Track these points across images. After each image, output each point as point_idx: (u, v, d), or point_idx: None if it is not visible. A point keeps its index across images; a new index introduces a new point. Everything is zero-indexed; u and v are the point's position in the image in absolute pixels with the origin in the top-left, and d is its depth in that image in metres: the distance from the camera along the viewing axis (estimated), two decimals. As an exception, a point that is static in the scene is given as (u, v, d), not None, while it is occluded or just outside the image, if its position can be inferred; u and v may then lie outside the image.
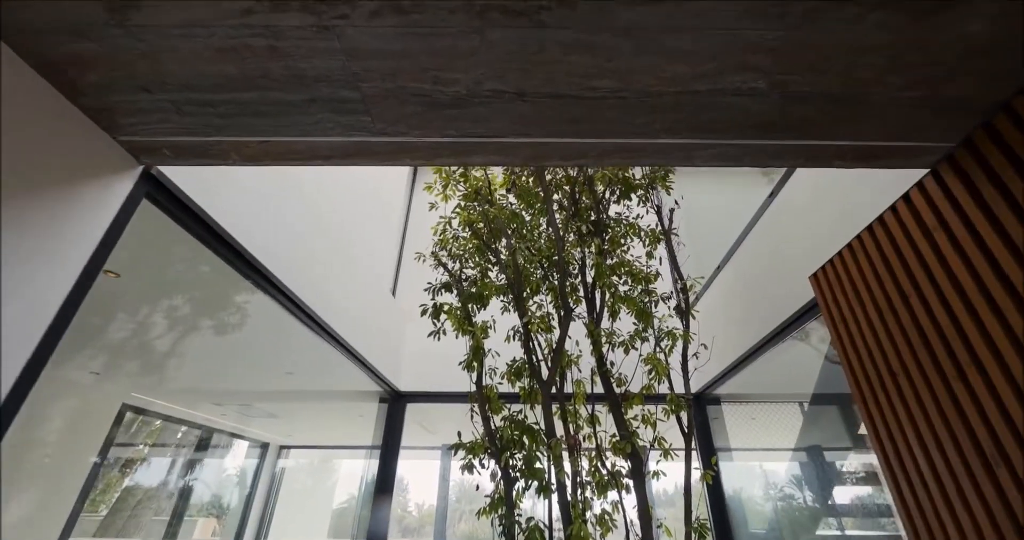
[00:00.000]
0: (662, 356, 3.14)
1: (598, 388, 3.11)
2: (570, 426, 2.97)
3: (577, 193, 3.56)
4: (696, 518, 2.71)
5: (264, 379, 4.76)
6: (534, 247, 3.52)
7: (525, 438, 2.90)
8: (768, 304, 3.23)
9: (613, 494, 2.78)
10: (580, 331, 3.36)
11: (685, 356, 3.23)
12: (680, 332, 3.22)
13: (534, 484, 2.77)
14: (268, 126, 1.44)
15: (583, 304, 3.38)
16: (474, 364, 3.08)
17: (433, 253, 3.54)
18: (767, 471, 4.44)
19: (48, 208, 1.29)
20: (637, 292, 3.33)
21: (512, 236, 3.43)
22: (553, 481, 2.75)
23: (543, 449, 2.87)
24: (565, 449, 2.78)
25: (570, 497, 2.71)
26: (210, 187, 1.98)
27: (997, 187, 1.44)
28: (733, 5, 1.10)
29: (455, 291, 3.39)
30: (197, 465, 7.13)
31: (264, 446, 8.28)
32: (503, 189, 3.71)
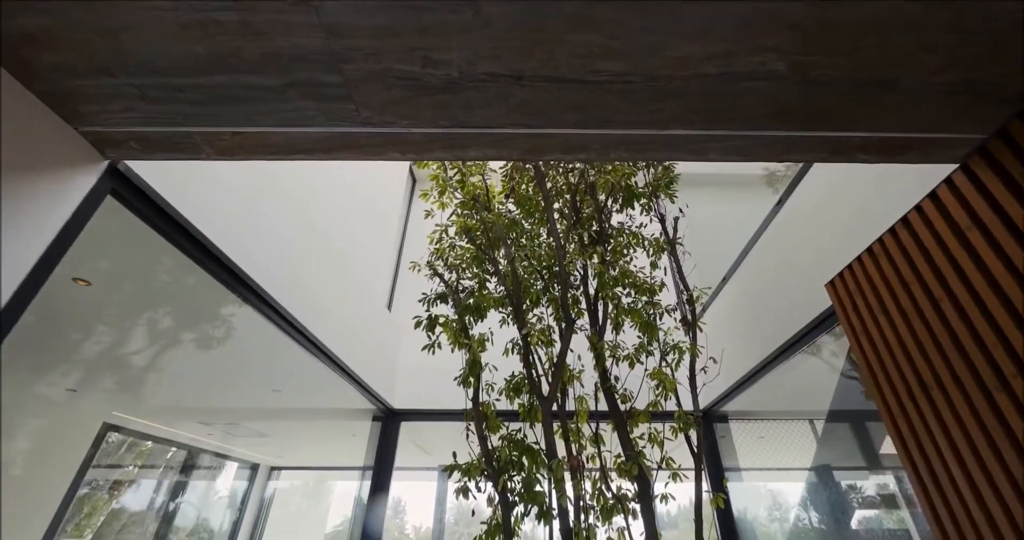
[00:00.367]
0: (668, 371, 2.98)
1: (602, 405, 2.94)
2: (572, 446, 2.80)
3: (579, 201, 3.45)
4: (708, 545, 2.52)
5: (252, 396, 4.55)
6: (534, 256, 3.39)
7: (524, 459, 2.74)
8: (778, 316, 3.09)
9: (619, 520, 2.60)
10: (582, 345, 3.20)
11: (693, 371, 3.07)
12: (687, 345, 3.06)
13: (534, 509, 2.59)
14: (242, 115, 1.32)
15: (585, 316, 3.23)
16: (470, 379, 2.91)
17: (429, 263, 3.40)
18: (776, 492, 4.26)
19: (-7, 201, 1.16)
20: (641, 304, 3.19)
21: (511, 245, 3.30)
22: (554, 506, 2.58)
23: (543, 471, 2.70)
24: (567, 471, 2.61)
25: (572, 523, 2.53)
26: (185, 186, 1.85)
27: (1039, 180, 1.32)
28: (753, -29, 1.00)
29: (451, 302, 3.24)
30: (184, 487, 6.84)
31: (254, 467, 8.01)
32: (502, 196, 3.60)
